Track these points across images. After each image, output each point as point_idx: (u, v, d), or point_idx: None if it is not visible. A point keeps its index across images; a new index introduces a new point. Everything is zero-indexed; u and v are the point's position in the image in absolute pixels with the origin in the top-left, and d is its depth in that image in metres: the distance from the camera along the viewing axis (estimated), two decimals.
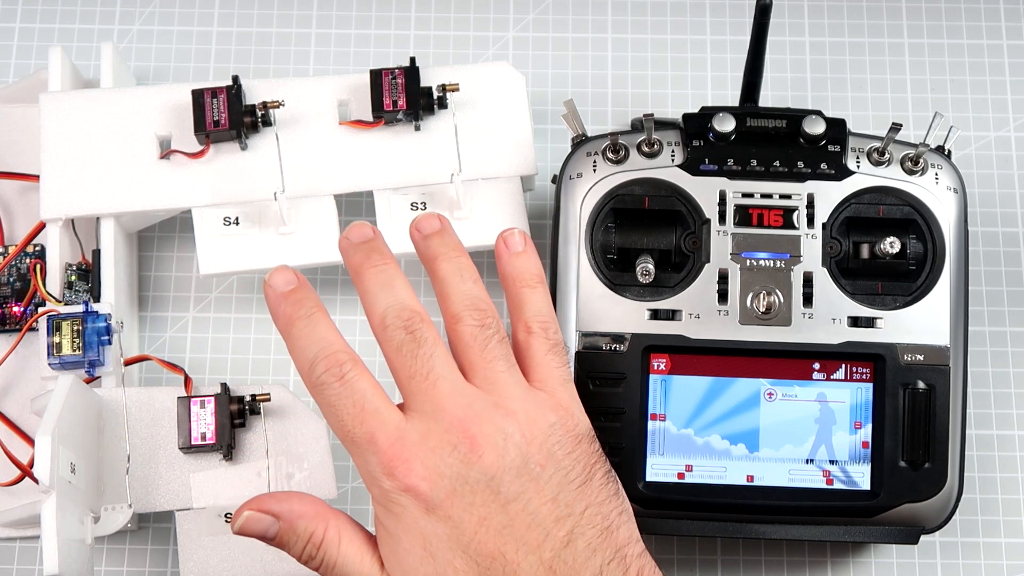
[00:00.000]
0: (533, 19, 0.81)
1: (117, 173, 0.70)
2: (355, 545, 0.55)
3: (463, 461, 0.53)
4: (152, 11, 0.81)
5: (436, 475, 0.53)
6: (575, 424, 0.57)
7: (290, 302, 0.57)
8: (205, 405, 0.66)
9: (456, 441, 0.54)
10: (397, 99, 0.70)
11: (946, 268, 0.65)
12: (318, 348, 0.55)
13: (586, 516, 0.54)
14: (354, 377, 0.55)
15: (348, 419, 0.54)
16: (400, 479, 0.53)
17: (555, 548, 0.53)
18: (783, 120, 0.67)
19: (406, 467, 0.53)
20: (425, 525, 0.53)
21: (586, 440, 0.57)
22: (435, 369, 0.55)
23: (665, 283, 0.65)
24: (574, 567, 0.53)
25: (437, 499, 0.53)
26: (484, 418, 0.54)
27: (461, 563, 0.53)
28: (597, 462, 0.56)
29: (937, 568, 0.71)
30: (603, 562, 0.53)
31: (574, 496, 0.54)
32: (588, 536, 0.54)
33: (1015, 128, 0.79)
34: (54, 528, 0.58)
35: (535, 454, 0.54)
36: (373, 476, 0.54)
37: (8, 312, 0.71)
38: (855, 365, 0.65)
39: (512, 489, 0.53)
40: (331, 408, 0.55)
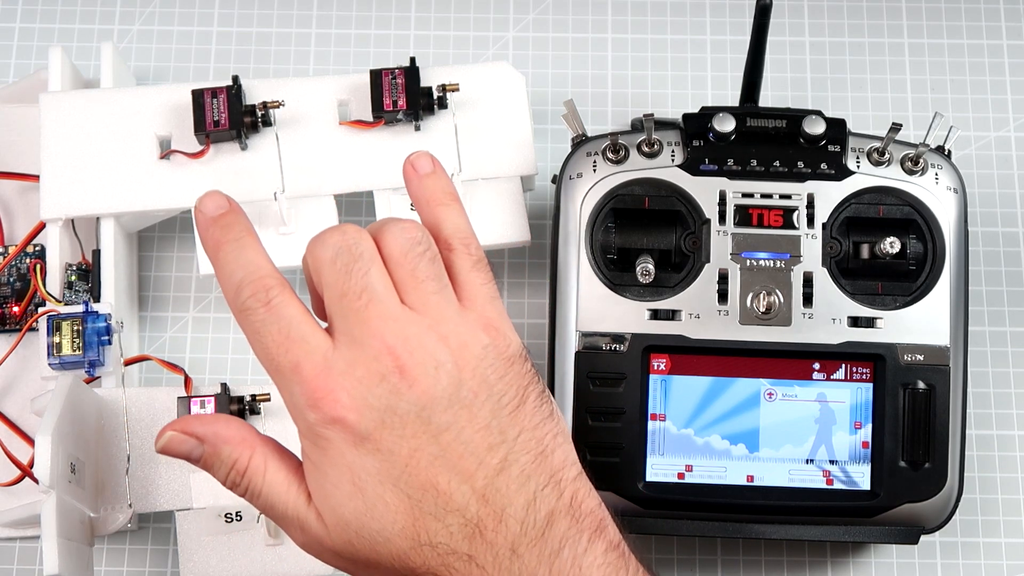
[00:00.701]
0: (533, 19, 0.81)
1: (117, 173, 0.70)
2: (281, 475, 0.53)
3: (393, 392, 0.51)
4: (152, 11, 0.81)
5: (364, 406, 0.51)
6: (507, 345, 0.54)
7: (219, 226, 0.54)
8: (205, 405, 0.66)
9: (385, 371, 0.51)
10: (397, 99, 0.70)
11: (946, 268, 0.65)
12: (245, 272, 0.53)
13: (519, 442, 0.52)
14: (281, 303, 0.52)
15: (273, 347, 0.52)
16: (325, 411, 0.51)
17: (488, 476, 0.51)
18: (783, 120, 0.67)
19: (332, 398, 0.51)
20: (353, 458, 0.51)
21: (518, 361, 0.54)
22: (369, 287, 0.52)
23: (665, 283, 0.65)
24: (507, 495, 0.51)
25: (365, 431, 0.51)
26: (415, 344, 0.52)
27: (392, 496, 0.51)
28: (530, 384, 0.54)
29: (937, 568, 0.71)
30: (537, 488, 0.52)
31: (507, 422, 0.52)
32: (522, 462, 0.52)
33: (1015, 128, 0.79)
34: (54, 528, 0.58)
35: (468, 380, 0.52)
36: (298, 408, 0.52)
37: (8, 312, 0.71)
38: (855, 365, 0.65)
39: (444, 419, 0.51)
40: (256, 335, 0.52)
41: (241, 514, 0.66)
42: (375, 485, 0.51)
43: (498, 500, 0.51)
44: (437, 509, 0.51)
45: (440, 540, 0.51)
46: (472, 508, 0.51)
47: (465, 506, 0.51)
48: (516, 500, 0.51)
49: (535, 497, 0.52)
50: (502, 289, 0.75)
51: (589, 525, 0.52)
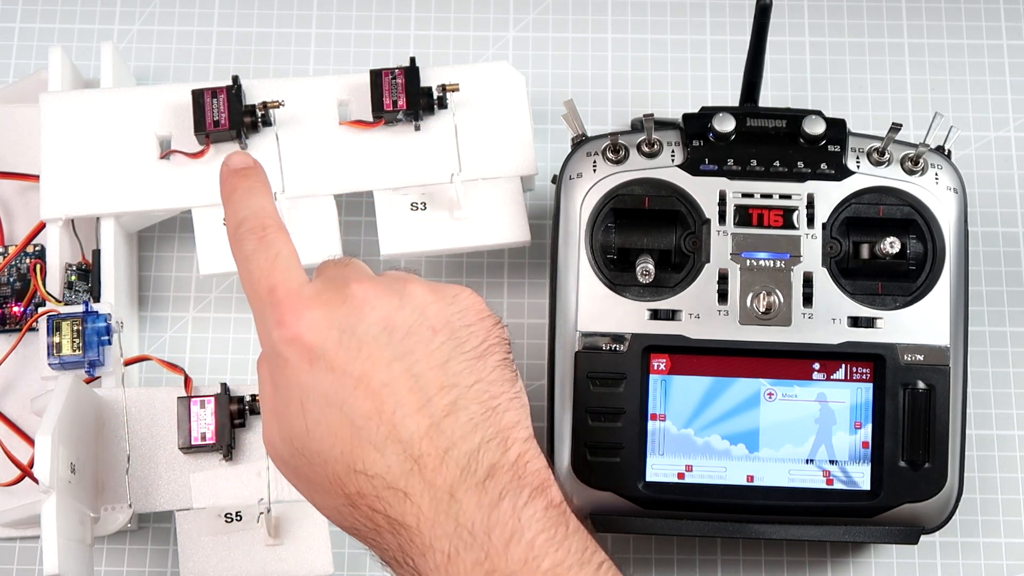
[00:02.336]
0: (533, 19, 0.81)
1: (117, 173, 0.70)
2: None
3: (354, 313, 0.52)
4: (152, 11, 0.81)
5: (324, 325, 0.52)
6: (482, 306, 0.55)
7: (238, 175, 0.57)
8: (205, 405, 0.66)
9: (350, 296, 0.53)
10: (397, 99, 0.70)
11: (946, 268, 0.65)
12: (249, 212, 0.56)
13: (473, 390, 0.52)
14: (274, 238, 0.55)
15: (256, 272, 0.54)
16: (288, 327, 0.52)
17: (434, 415, 0.51)
18: (783, 120, 0.67)
19: (295, 316, 0.52)
20: (306, 378, 0.52)
21: (490, 320, 0.55)
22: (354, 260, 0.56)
23: (665, 283, 0.65)
24: (451, 437, 0.51)
25: (320, 349, 0.51)
26: (384, 283, 0.54)
27: (335, 419, 0.51)
28: (497, 345, 0.54)
29: (937, 568, 0.71)
30: (483, 439, 0.51)
31: (464, 368, 0.53)
32: (471, 411, 0.52)
33: (1015, 128, 0.79)
34: (54, 528, 0.58)
35: (432, 317, 0.53)
36: (267, 328, 0.53)
37: (8, 312, 0.71)
38: (855, 365, 0.65)
39: (400, 347, 0.52)
40: (245, 263, 0.54)
41: (241, 514, 0.66)
42: (321, 406, 0.51)
43: (441, 441, 0.51)
44: (378, 438, 0.51)
45: (376, 471, 0.51)
46: (414, 443, 0.51)
47: (407, 440, 0.51)
48: (460, 445, 0.51)
49: (479, 447, 0.51)
50: (502, 289, 0.75)
51: (531, 483, 0.52)
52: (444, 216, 0.70)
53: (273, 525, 0.65)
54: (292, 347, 0.52)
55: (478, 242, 0.70)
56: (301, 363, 0.52)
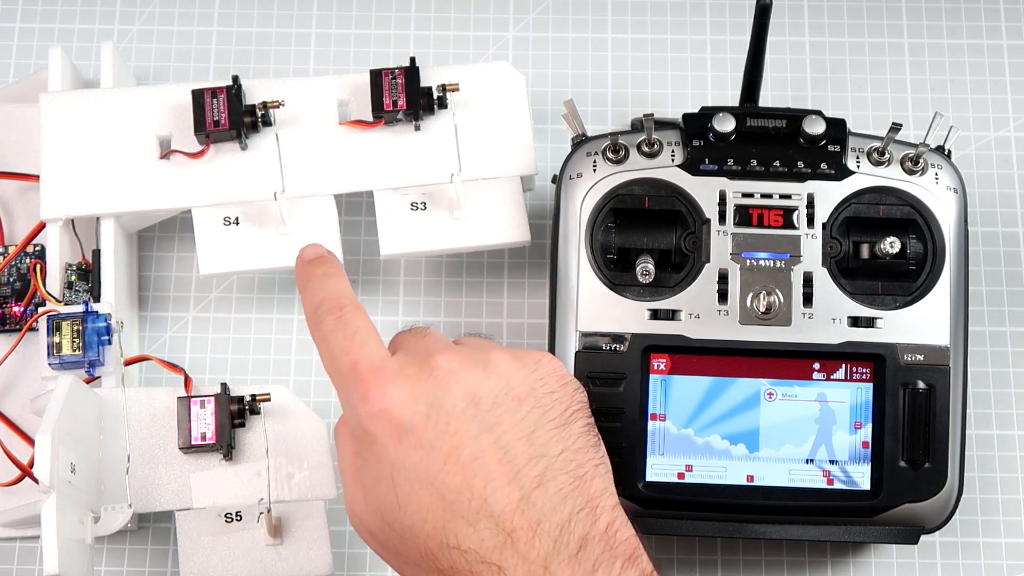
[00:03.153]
0: (533, 19, 0.81)
1: (117, 173, 0.70)
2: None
3: (440, 386, 0.53)
4: (152, 11, 0.81)
5: (411, 400, 0.52)
6: (564, 371, 0.56)
7: (314, 264, 0.59)
8: (205, 405, 0.66)
9: (435, 368, 0.53)
10: (397, 99, 0.70)
11: (946, 268, 0.65)
12: (326, 294, 0.56)
13: (560, 460, 0.53)
14: (352, 316, 0.55)
15: (337, 349, 0.54)
16: (373, 403, 0.52)
17: (525, 488, 0.51)
18: (783, 120, 0.67)
19: (380, 391, 0.52)
20: (395, 455, 0.52)
21: (572, 384, 0.56)
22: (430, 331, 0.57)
23: (665, 283, 0.65)
24: (543, 509, 0.51)
25: (409, 425, 0.52)
26: (467, 353, 0.54)
27: (426, 495, 0.51)
28: (580, 410, 0.55)
29: (937, 568, 0.71)
30: (573, 510, 0.52)
31: (550, 437, 0.53)
32: (560, 481, 0.52)
33: (1015, 128, 0.79)
34: (54, 528, 0.58)
35: (516, 386, 0.54)
36: (352, 405, 0.53)
37: (8, 312, 0.71)
38: (855, 365, 0.65)
39: (488, 418, 0.52)
40: (325, 343, 0.55)
41: (241, 514, 0.66)
42: (412, 482, 0.52)
43: (533, 513, 0.51)
44: (470, 513, 0.51)
45: (469, 546, 0.51)
46: (506, 517, 0.51)
47: (499, 513, 0.51)
48: (551, 517, 0.51)
49: (570, 518, 0.52)
50: (502, 289, 0.75)
51: (623, 553, 0.52)
52: (444, 216, 0.70)
53: (273, 525, 0.65)
54: (379, 423, 0.52)
55: (478, 242, 0.70)
56: (390, 439, 0.52)
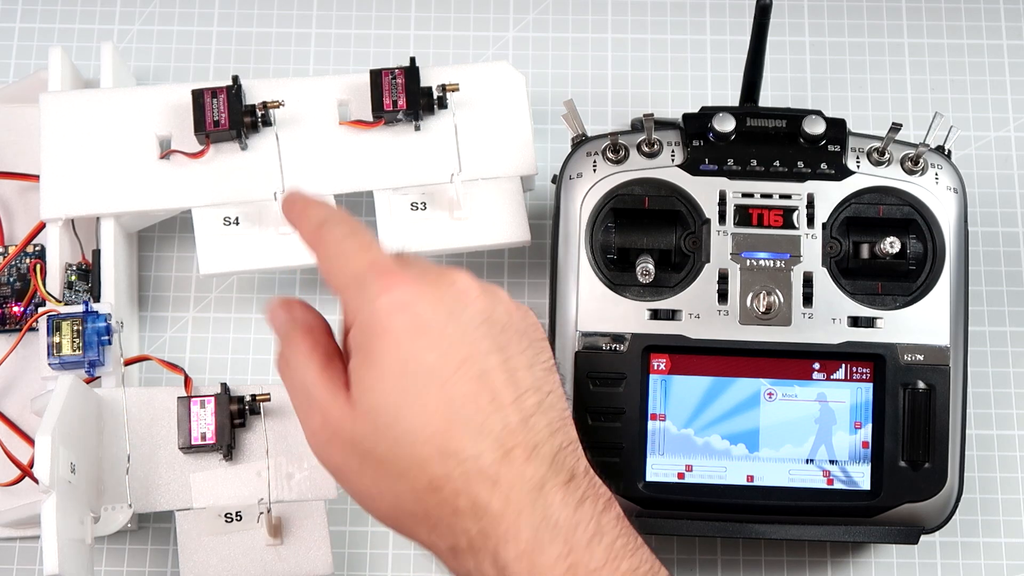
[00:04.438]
0: (533, 19, 0.81)
1: (117, 173, 0.70)
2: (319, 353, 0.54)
3: (459, 298, 0.52)
4: (152, 11, 0.81)
5: (433, 301, 0.51)
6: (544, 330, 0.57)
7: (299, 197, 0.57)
8: (205, 405, 0.66)
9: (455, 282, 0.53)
10: (397, 99, 0.70)
11: (946, 268, 0.65)
12: (328, 212, 0.55)
13: (550, 398, 0.53)
14: (362, 228, 0.54)
15: (352, 252, 0.53)
16: (397, 295, 0.51)
17: (524, 413, 0.52)
18: (783, 120, 0.67)
19: (404, 286, 0.51)
20: (408, 351, 0.51)
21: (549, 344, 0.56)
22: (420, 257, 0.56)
23: (665, 283, 0.65)
24: (540, 436, 0.52)
25: (428, 325, 0.51)
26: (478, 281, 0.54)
27: (433, 397, 0.51)
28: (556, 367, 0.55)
29: (937, 568, 0.71)
30: (562, 444, 0.52)
31: (545, 375, 0.53)
32: (551, 416, 0.53)
33: (1015, 128, 0.79)
34: (54, 528, 0.58)
35: (517, 322, 0.54)
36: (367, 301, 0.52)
37: (8, 312, 0.71)
38: (855, 365, 0.65)
39: (498, 340, 0.52)
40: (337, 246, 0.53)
41: (241, 514, 0.66)
42: (422, 382, 0.51)
43: (531, 436, 0.51)
44: (474, 424, 0.51)
45: (469, 455, 0.50)
46: (507, 434, 0.51)
47: (500, 430, 0.51)
48: (546, 444, 0.52)
49: (560, 450, 0.52)
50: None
51: (603, 495, 0.53)
52: (444, 216, 0.70)
53: (273, 525, 0.65)
54: (400, 316, 0.51)
55: (478, 242, 0.70)
56: (405, 334, 0.51)
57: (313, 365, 0.53)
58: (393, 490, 0.51)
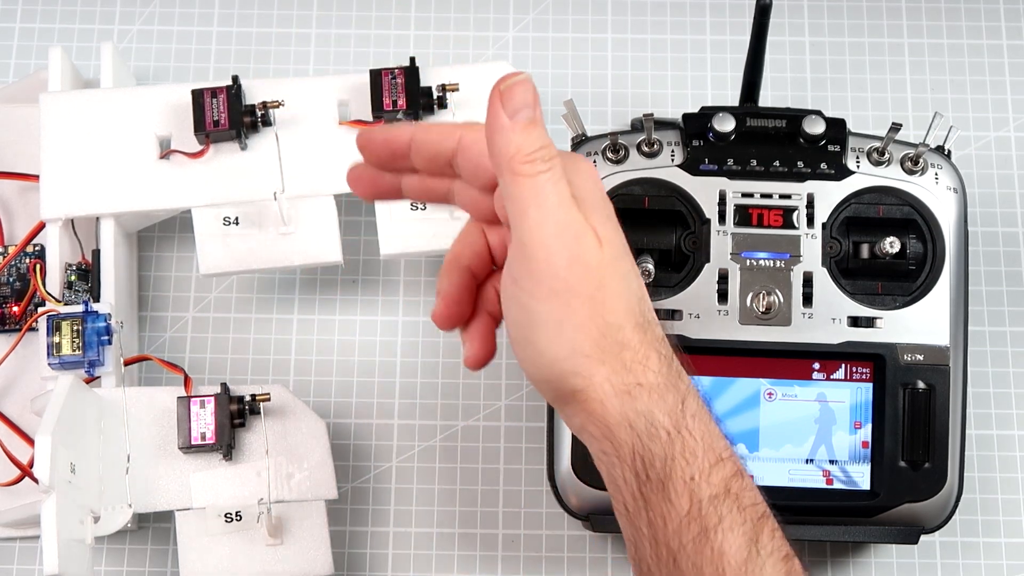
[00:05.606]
0: (533, 19, 0.81)
1: (117, 173, 0.70)
2: None
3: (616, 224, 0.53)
4: (152, 11, 0.81)
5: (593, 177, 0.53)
6: None
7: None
8: (205, 405, 0.66)
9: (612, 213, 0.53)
10: (397, 99, 0.70)
11: (946, 268, 0.65)
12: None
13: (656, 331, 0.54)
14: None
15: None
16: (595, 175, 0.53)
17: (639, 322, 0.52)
18: (783, 120, 0.67)
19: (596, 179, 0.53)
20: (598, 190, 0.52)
21: None
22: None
23: (665, 283, 0.65)
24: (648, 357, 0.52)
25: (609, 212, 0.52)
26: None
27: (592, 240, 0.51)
28: None
29: (937, 568, 0.71)
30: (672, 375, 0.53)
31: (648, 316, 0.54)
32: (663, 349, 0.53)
33: (1015, 128, 0.79)
34: (54, 528, 0.58)
35: None
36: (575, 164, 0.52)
37: (8, 312, 0.71)
38: (855, 365, 0.65)
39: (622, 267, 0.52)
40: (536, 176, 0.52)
41: (241, 514, 0.66)
42: (580, 231, 0.51)
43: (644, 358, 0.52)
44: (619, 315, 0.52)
45: (627, 339, 0.51)
46: (631, 341, 0.52)
47: (627, 335, 0.52)
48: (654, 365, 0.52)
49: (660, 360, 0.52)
50: None
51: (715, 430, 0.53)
52: (444, 216, 0.70)
53: (273, 525, 0.65)
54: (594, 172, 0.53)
55: None
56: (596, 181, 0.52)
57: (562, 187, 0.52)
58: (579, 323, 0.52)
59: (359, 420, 0.73)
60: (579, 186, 0.52)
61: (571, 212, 0.51)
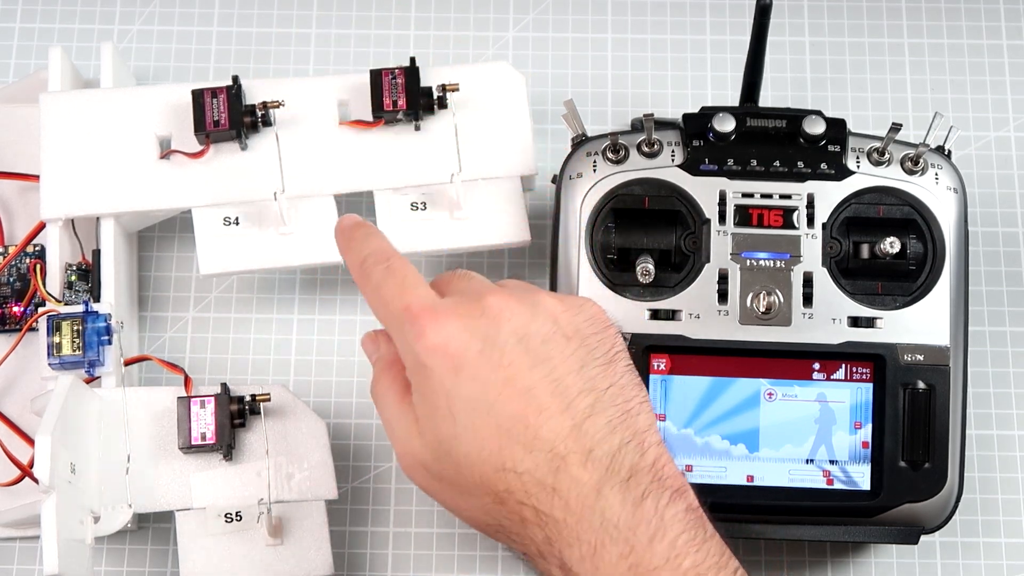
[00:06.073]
0: (533, 19, 0.81)
1: (117, 173, 0.70)
2: (397, 388, 0.58)
3: (492, 324, 0.54)
4: (152, 11, 0.81)
5: (466, 335, 0.54)
6: (606, 316, 0.58)
7: (353, 228, 0.61)
8: (205, 405, 0.66)
9: (487, 307, 0.55)
10: (397, 99, 0.70)
11: (946, 268, 0.65)
12: (371, 250, 0.59)
13: (608, 394, 0.55)
14: (399, 265, 0.57)
15: (389, 295, 0.56)
16: (430, 338, 0.54)
17: (576, 418, 0.53)
18: (783, 120, 0.67)
19: (436, 328, 0.54)
20: (451, 386, 0.54)
21: (613, 329, 0.57)
22: (474, 275, 0.59)
23: (665, 283, 0.65)
24: (594, 439, 0.53)
25: (465, 358, 0.54)
26: (516, 294, 0.56)
27: (483, 423, 0.53)
28: (622, 352, 0.57)
29: (937, 568, 0.71)
30: (622, 441, 0.54)
31: (598, 372, 0.55)
32: (609, 414, 0.54)
33: (1015, 128, 0.79)
34: (54, 528, 0.58)
35: (564, 326, 0.56)
36: (408, 344, 0.55)
37: (8, 312, 0.71)
38: (855, 365, 0.65)
39: (539, 354, 0.54)
40: (376, 291, 0.57)
41: (241, 514, 0.66)
42: (469, 412, 0.54)
43: (585, 441, 0.53)
44: (526, 439, 0.53)
45: (525, 468, 0.53)
46: (559, 443, 0.53)
47: (553, 441, 0.53)
48: (602, 445, 0.53)
49: (620, 448, 0.53)
50: None
51: (671, 485, 0.54)
52: (444, 216, 0.70)
53: (273, 525, 0.65)
54: (436, 357, 0.54)
55: (478, 242, 0.70)
56: (446, 372, 0.54)
57: (392, 398, 0.57)
58: (470, 505, 0.55)
59: (359, 420, 0.73)
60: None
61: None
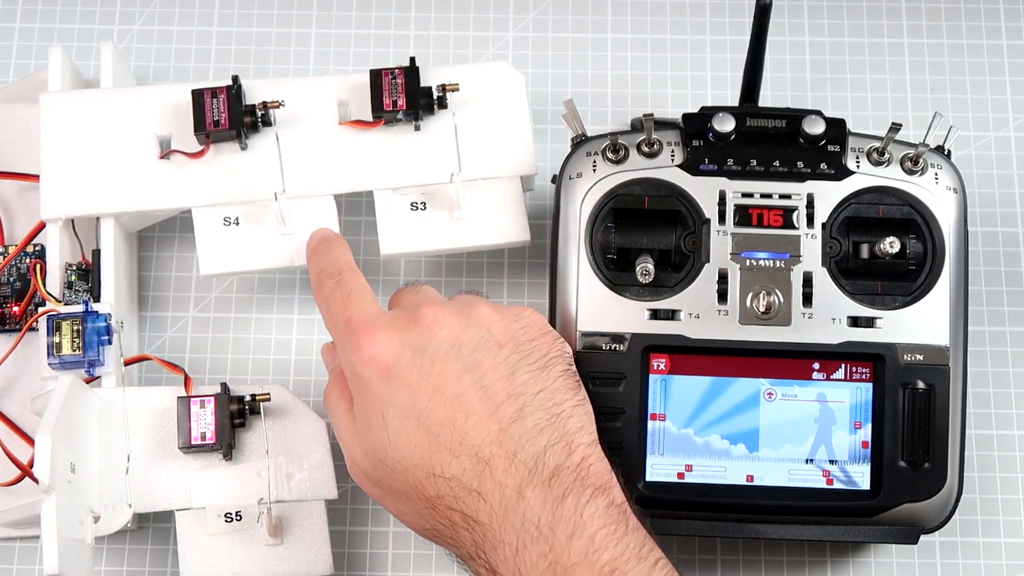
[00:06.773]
0: (533, 19, 0.81)
1: (117, 173, 0.70)
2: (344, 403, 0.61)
3: (424, 333, 0.58)
4: (152, 11, 0.81)
5: (398, 346, 0.57)
6: (545, 323, 0.61)
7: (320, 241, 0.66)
8: (205, 405, 0.66)
9: (421, 318, 0.58)
10: (397, 99, 0.70)
11: (946, 268, 0.65)
12: (328, 262, 0.63)
13: (538, 398, 0.57)
14: (349, 279, 0.61)
15: (335, 308, 0.60)
16: (365, 350, 0.57)
17: (503, 423, 0.56)
18: (783, 120, 0.67)
19: (370, 339, 0.57)
20: (385, 394, 0.57)
21: (552, 335, 0.61)
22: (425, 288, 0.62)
23: (665, 283, 0.65)
24: (520, 442, 0.56)
25: (396, 368, 0.57)
26: (453, 305, 0.59)
27: (413, 430, 0.56)
28: (558, 357, 0.60)
29: (937, 568, 0.71)
30: (548, 443, 0.56)
31: (529, 378, 0.58)
32: (537, 417, 0.57)
33: (1015, 128, 0.79)
34: (54, 528, 0.58)
35: (497, 334, 0.58)
36: (347, 356, 0.58)
37: (8, 312, 0.71)
38: (855, 365, 0.65)
39: (469, 361, 0.57)
40: (325, 303, 0.61)
41: (241, 514, 0.66)
42: (401, 418, 0.57)
43: (510, 445, 0.56)
44: (453, 444, 0.56)
45: (452, 473, 0.56)
46: (485, 448, 0.55)
47: (479, 445, 0.55)
48: (527, 448, 0.56)
49: (545, 450, 0.56)
50: (502, 289, 0.75)
51: (593, 483, 0.56)
52: (444, 216, 0.70)
53: (273, 525, 0.65)
54: (369, 367, 0.57)
55: (478, 242, 0.70)
56: (379, 381, 0.57)
57: (341, 408, 0.60)
58: (408, 510, 0.58)
59: None
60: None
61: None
